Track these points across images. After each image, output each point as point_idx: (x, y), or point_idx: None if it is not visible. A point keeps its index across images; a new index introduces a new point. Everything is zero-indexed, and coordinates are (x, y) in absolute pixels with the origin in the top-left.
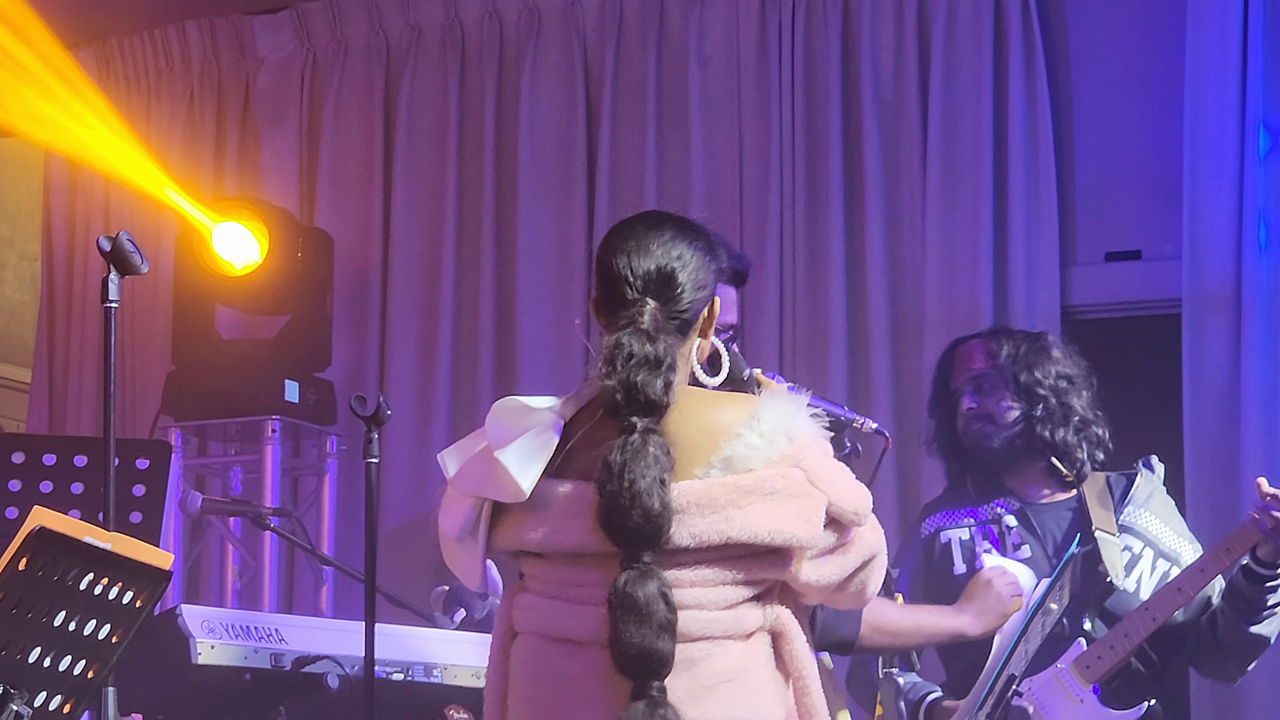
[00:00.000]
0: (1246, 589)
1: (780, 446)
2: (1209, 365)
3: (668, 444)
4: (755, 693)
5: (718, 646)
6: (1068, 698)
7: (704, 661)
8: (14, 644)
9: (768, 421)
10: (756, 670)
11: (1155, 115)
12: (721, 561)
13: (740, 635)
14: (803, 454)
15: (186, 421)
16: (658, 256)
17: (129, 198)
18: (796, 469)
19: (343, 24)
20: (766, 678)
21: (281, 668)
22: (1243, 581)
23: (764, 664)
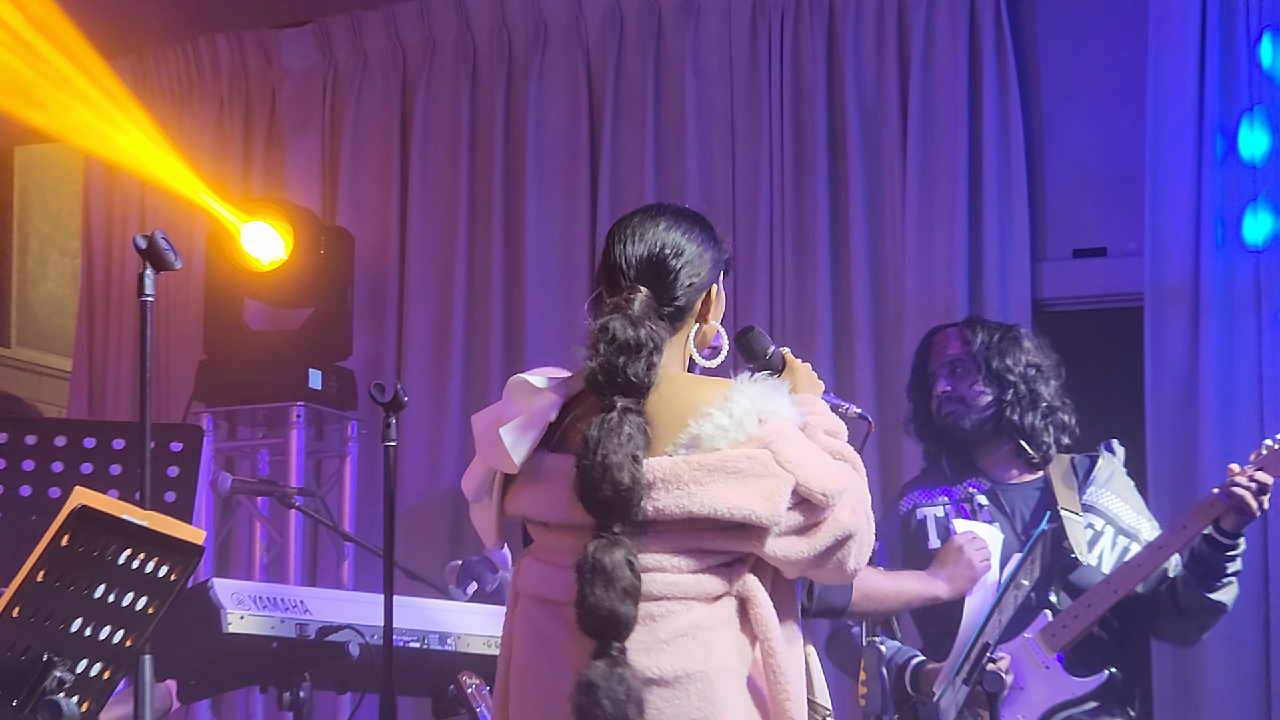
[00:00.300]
0: (1209, 556)
1: (749, 428)
2: (1169, 355)
3: (645, 423)
4: (710, 649)
5: (679, 605)
6: (1034, 665)
7: (664, 619)
8: (57, 615)
9: (739, 404)
10: (716, 629)
11: (1119, 121)
12: (687, 533)
13: (704, 598)
14: (773, 436)
15: (217, 407)
16: (650, 244)
17: (163, 199)
18: (765, 450)
19: (362, 36)
20: (726, 637)
21: (306, 636)
22: (1205, 550)
23: (726, 624)
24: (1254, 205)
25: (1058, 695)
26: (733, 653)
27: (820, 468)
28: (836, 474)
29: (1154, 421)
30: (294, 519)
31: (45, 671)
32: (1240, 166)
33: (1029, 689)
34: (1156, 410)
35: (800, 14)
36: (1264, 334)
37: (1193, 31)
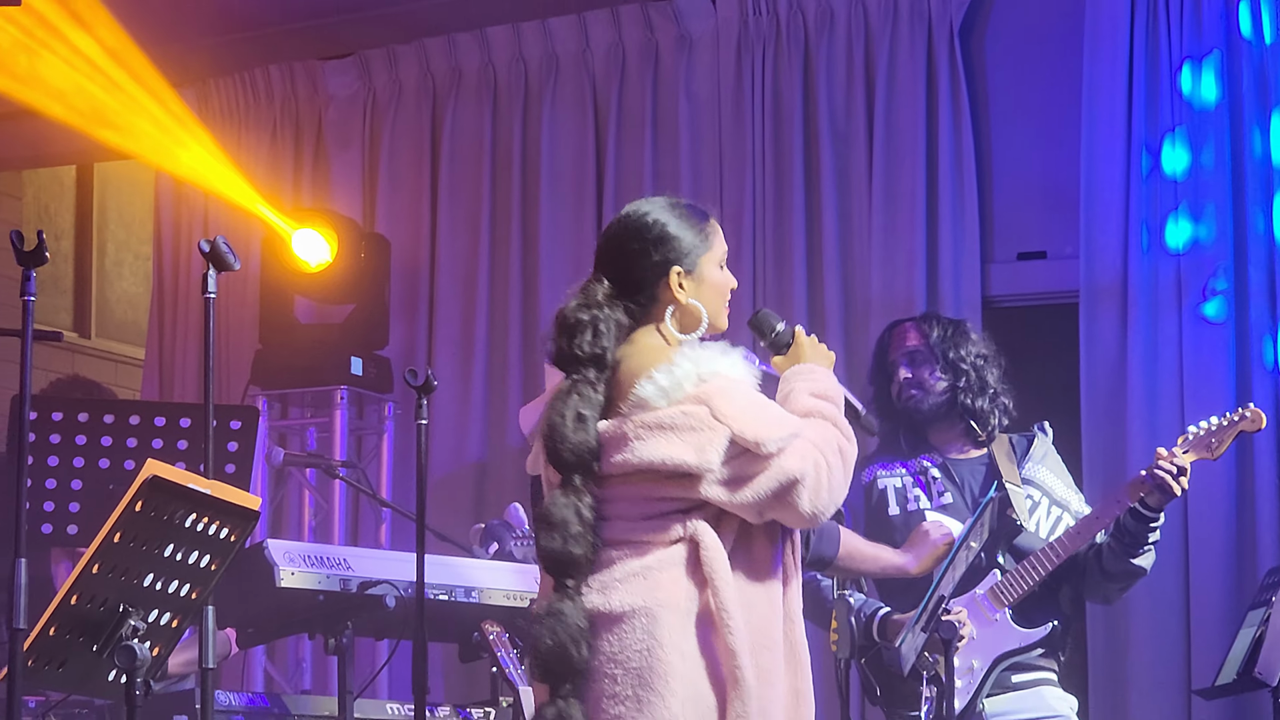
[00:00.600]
0: (1133, 528)
1: (688, 387)
2: (1101, 347)
3: (599, 391)
4: (658, 587)
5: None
6: (984, 618)
7: (620, 562)
8: (132, 571)
9: (681, 367)
10: (666, 570)
11: (1058, 140)
12: (640, 484)
13: (658, 543)
14: (712, 393)
15: (271, 390)
16: (611, 232)
17: (223, 208)
18: (702, 406)
19: (397, 67)
20: (676, 577)
21: (349, 590)
22: (1130, 522)
23: (676, 566)
24: (1175, 214)
25: (1005, 644)
26: (680, 591)
27: (753, 418)
28: (779, 424)
29: (1088, 405)
30: (338, 488)
31: (121, 620)
32: (1163, 180)
33: (980, 638)
34: (1090, 396)
35: (779, 47)
36: (1184, 328)
37: (1122, 62)
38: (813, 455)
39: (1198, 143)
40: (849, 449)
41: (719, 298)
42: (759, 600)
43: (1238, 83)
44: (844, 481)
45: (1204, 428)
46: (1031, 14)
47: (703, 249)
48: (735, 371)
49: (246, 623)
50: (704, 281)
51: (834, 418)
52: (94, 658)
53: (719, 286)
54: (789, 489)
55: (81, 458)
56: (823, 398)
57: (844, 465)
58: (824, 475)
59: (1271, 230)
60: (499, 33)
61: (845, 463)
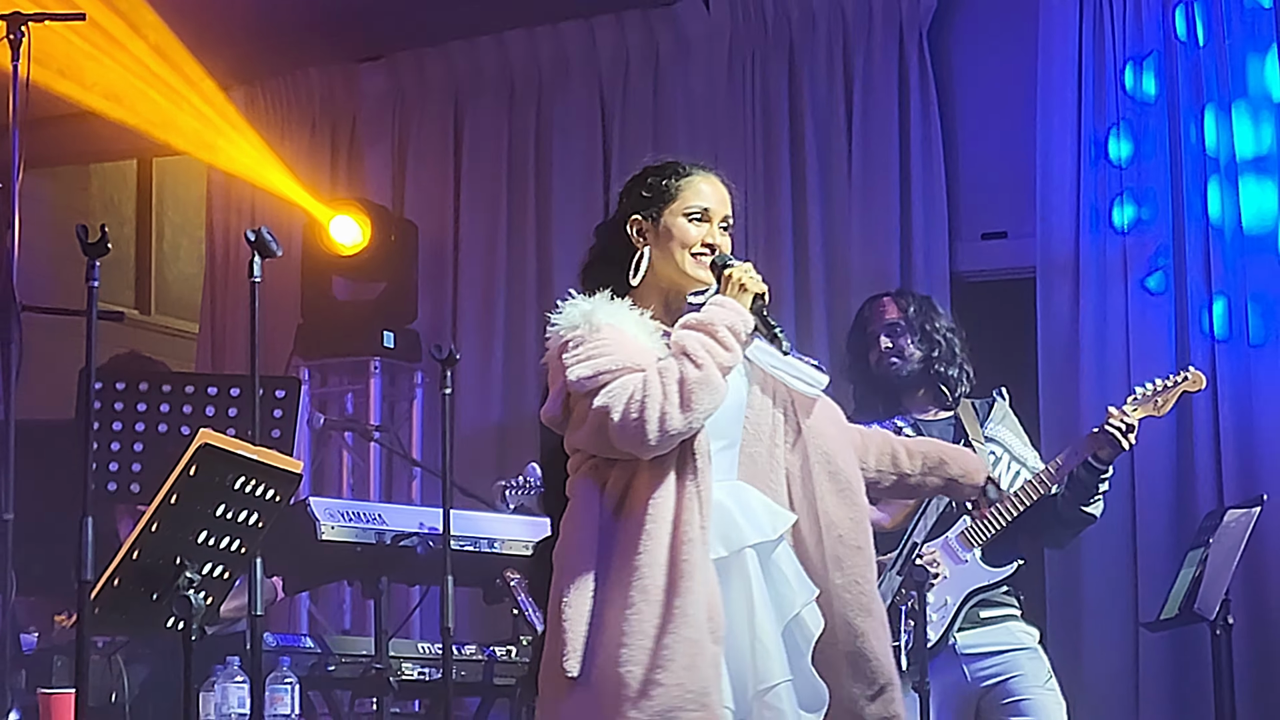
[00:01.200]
0: (1085, 478)
1: (556, 343)
2: (1056, 316)
3: None
4: (571, 514)
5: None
6: (956, 558)
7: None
8: (186, 528)
9: (562, 316)
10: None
11: (1017, 131)
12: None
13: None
14: (570, 341)
15: (312, 361)
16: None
17: (268, 197)
18: (556, 356)
19: (424, 69)
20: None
21: (383, 542)
22: (1083, 473)
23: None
24: (1121, 198)
25: (975, 581)
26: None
27: (586, 361)
28: (601, 364)
29: (1045, 369)
30: (373, 449)
31: (178, 573)
32: (1110, 167)
33: (953, 576)
34: (1047, 360)
35: (767, 48)
36: (1130, 300)
37: (1072, 62)
38: (629, 388)
39: (1140, 134)
40: (693, 375)
41: (679, 249)
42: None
43: (1175, 80)
44: (676, 409)
45: (1150, 388)
46: (992, 19)
47: (665, 199)
48: (614, 319)
49: (292, 572)
50: (664, 232)
51: (687, 347)
52: (153, 606)
53: (679, 238)
54: (602, 423)
55: (143, 423)
56: (694, 327)
57: (681, 393)
58: (640, 405)
59: (1206, 211)
60: (515, 37)
61: (685, 391)
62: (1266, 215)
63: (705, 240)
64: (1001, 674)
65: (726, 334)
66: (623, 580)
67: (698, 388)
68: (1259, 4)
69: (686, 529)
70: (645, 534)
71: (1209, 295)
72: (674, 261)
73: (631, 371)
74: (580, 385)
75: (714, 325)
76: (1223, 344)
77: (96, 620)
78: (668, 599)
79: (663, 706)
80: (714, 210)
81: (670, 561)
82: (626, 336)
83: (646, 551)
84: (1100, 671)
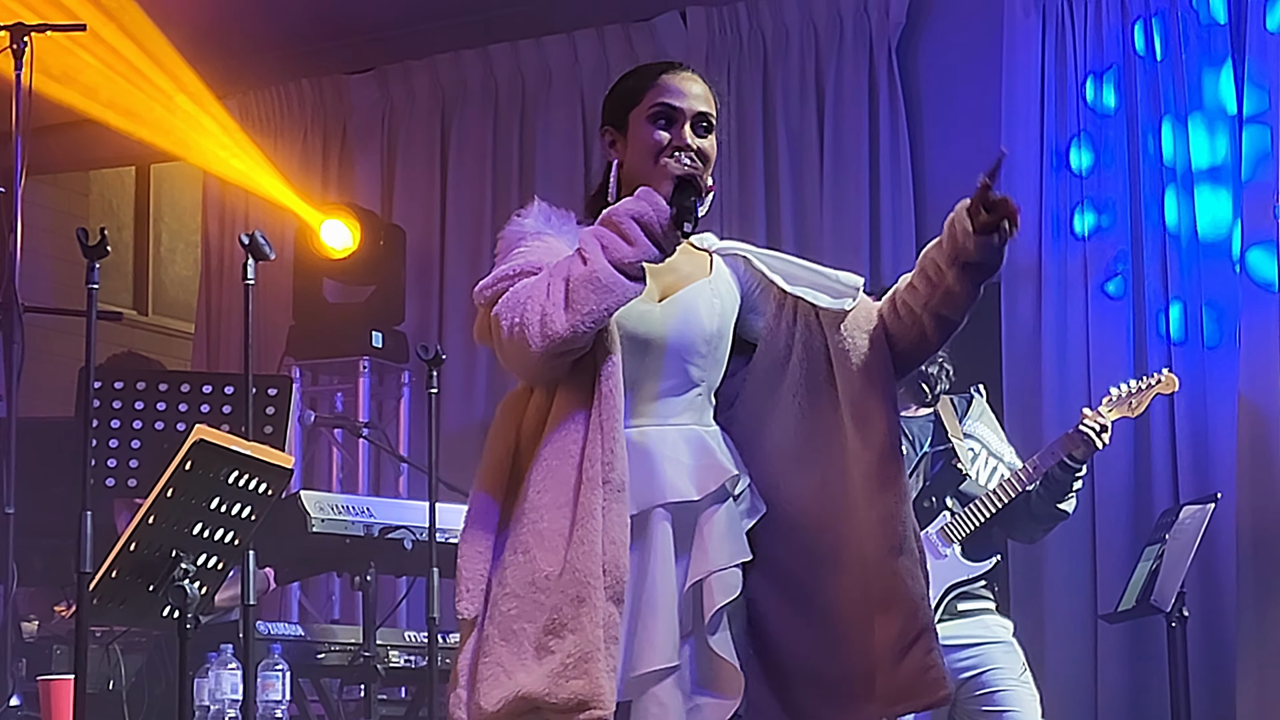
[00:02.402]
0: (1060, 476)
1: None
2: (1019, 319)
3: None
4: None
5: None
6: (936, 553)
7: None
8: (182, 521)
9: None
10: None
11: (981, 140)
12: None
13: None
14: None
15: (303, 361)
16: None
17: (262, 202)
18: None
19: (411, 80)
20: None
21: (372, 534)
22: (1058, 471)
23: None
24: (1081, 206)
25: (955, 575)
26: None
27: (494, 271)
28: (504, 269)
29: (1009, 371)
30: (362, 445)
31: (174, 564)
32: (1071, 176)
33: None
34: (1011, 362)
35: (742, 62)
36: (1090, 304)
37: (1035, 75)
38: (520, 294)
39: (1100, 145)
40: (578, 272)
41: (643, 155)
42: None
43: (1134, 93)
44: (560, 309)
45: (1124, 390)
46: (958, 33)
47: (629, 102)
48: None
49: (283, 563)
50: (629, 138)
51: (582, 244)
52: (150, 596)
53: (641, 144)
54: (496, 334)
55: (140, 420)
56: (600, 222)
57: (565, 292)
58: (522, 307)
59: (1164, 219)
60: (499, 50)
61: (569, 289)
62: (1221, 223)
63: (675, 144)
64: (977, 667)
65: (631, 225)
66: (522, 521)
67: (581, 285)
68: (1214, 20)
69: (587, 468)
70: (548, 471)
71: (1166, 300)
72: (643, 171)
73: (527, 275)
74: (480, 295)
75: (618, 215)
76: (1179, 347)
77: (95, 610)
78: (566, 548)
79: (550, 670)
80: (683, 107)
81: (572, 504)
82: (549, 243)
83: (547, 491)
84: (1060, 661)
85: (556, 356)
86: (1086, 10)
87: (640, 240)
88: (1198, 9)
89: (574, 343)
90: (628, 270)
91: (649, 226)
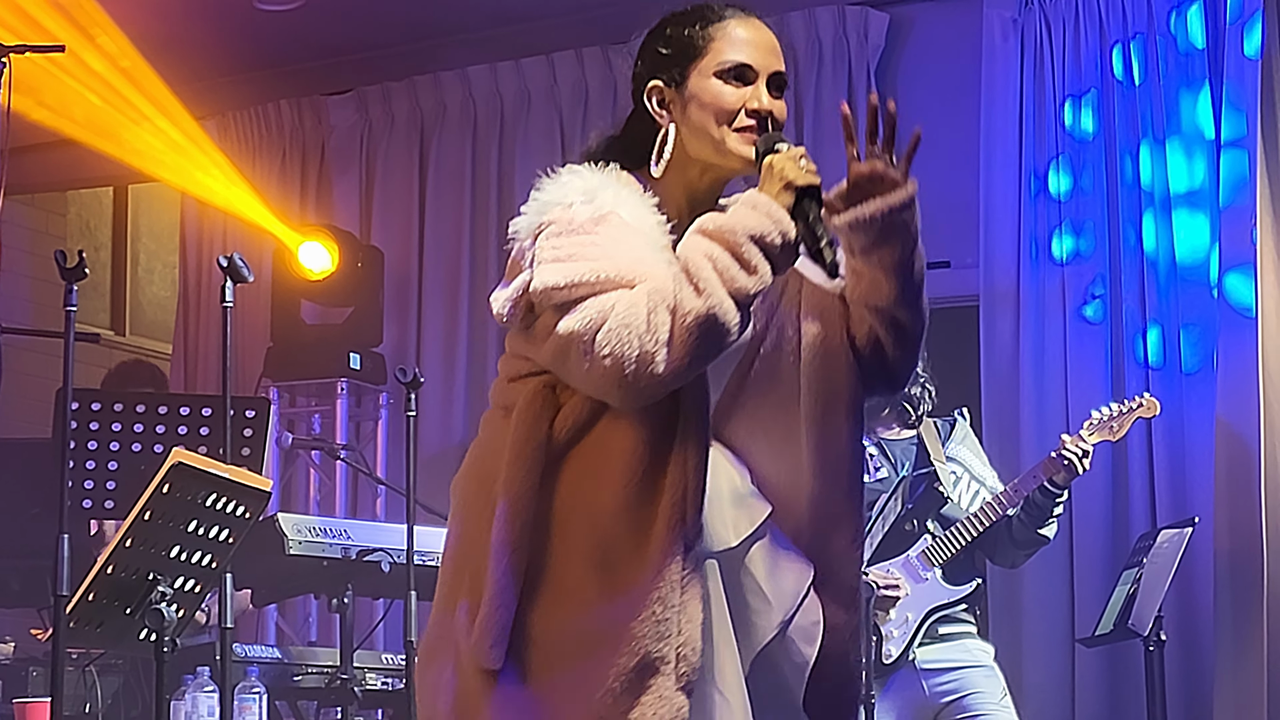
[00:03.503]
0: (1040, 501)
1: (536, 220)
2: (998, 343)
3: None
4: (491, 441)
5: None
6: (918, 576)
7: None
8: (159, 544)
9: (546, 193)
10: (520, 426)
11: (960, 165)
12: (511, 337)
13: (501, 406)
14: (543, 232)
15: (281, 382)
16: None
17: (240, 224)
18: (534, 242)
19: (390, 101)
20: (525, 432)
21: (349, 556)
22: (1039, 497)
23: (525, 426)
24: (1059, 230)
25: (936, 599)
26: (530, 444)
27: (563, 264)
28: (580, 272)
29: (987, 394)
30: (339, 467)
31: (151, 587)
32: (1049, 200)
33: (914, 594)
34: (989, 385)
35: None
36: (1068, 328)
37: (1014, 98)
38: (607, 313)
39: (1078, 168)
40: (690, 304)
41: (713, 121)
42: (599, 501)
43: (1111, 117)
44: (663, 348)
45: (1106, 413)
46: (937, 58)
47: (689, 55)
48: (624, 206)
49: (260, 585)
50: (693, 99)
51: (691, 264)
52: (127, 619)
53: (711, 104)
54: (565, 351)
55: (117, 442)
56: (709, 234)
57: (673, 328)
58: (617, 338)
59: (1141, 243)
60: (478, 71)
61: (678, 325)
62: (1198, 248)
63: (750, 106)
64: (958, 690)
65: (751, 248)
66: (573, 553)
67: (696, 324)
68: (1192, 45)
69: (667, 517)
70: (612, 506)
71: (1144, 324)
72: (710, 139)
73: (617, 287)
74: (547, 295)
75: (734, 233)
76: (1156, 371)
77: (72, 633)
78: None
79: None
80: (759, 64)
81: (646, 563)
82: (630, 234)
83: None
84: (1038, 684)
85: (648, 398)
86: (1065, 34)
87: (761, 267)
88: (1175, 34)
89: (678, 384)
90: (744, 302)
91: (771, 249)
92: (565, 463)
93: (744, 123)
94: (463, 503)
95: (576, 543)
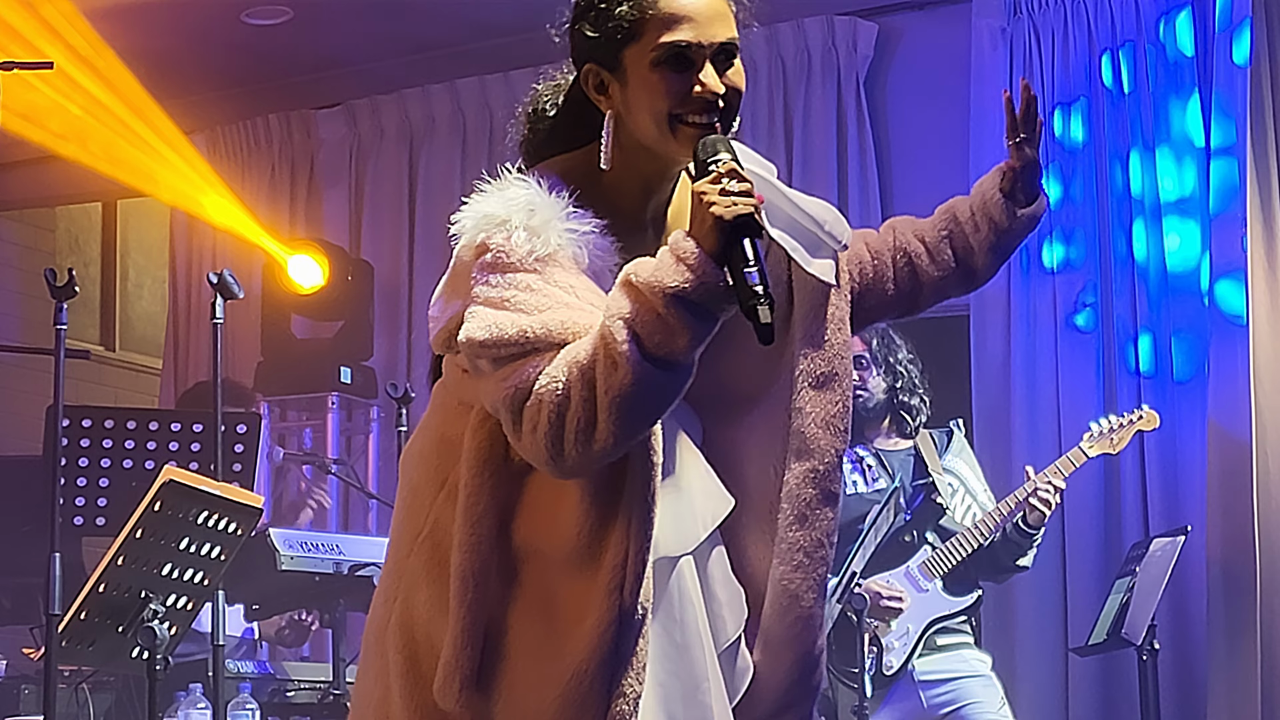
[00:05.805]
0: (1018, 539)
1: (475, 234)
2: (988, 354)
3: None
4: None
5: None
6: (918, 587)
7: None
8: (151, 561)
9: (489, 203)
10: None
11: (949, 174)
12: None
13: (458, 398)
14: (483, 258)
15: (272, 397)
16: None
17: (229, 238)
18: (469, 263)
19: (380, 115)
20: (481, 454)
21: (341, 571)
22: (1015, 534)
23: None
24: (1050, 239)
25: (936, 610)
26: (485, 467)
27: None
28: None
29: (979, 403)
30: (331, 481)
31: (143, 605)
32: None
33: (915, 605)
34: (981, 395)
35: None
36: (1059, 336)
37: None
38: (529, 384)
39: (1068, 177)
40: (607, 380)
41: (652, 115)
42: (552, 545)
43: (1101, 126)
44: (589, 426)
45: (1105, 425)
46: (926, 68)
47: (621, 39)
48: (559, 237)
49: (253, 600)
50: (626, 87)
51: (612, 333)
52: (119, 638)
53: (648, 99)
54: (494, 409)
55: (109, 459)
56: (631, 292)
57: (595, 402)
58: (546, 418)
59: (1131, 251)
60: (467, 84)
61: (600, 398)
62: (1189, 255)
63: (694, 93)
64: (955, 701)
65: (675, 309)
66: (522, 597)
67: (620, 400)
68: (1181, 54)
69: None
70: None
71: (1135, 332)
72: (652, 137)
73: (545, 349)
74: (472, 349)
75: (656, 292)
76: (1148, 380)
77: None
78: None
79: None
80: (702, 38)
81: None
82: (569, 281)
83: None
84: (1031, 694)
85: (587, 470)
86: (1054, 42)
87: (690, 326)
88: (1165, 42)
89: (614, 457)
90: (676, 363)
91: (697, 308)
92: (525, 487)
93: (690, 115)
94: (412, 490)
95: (526, 587)
